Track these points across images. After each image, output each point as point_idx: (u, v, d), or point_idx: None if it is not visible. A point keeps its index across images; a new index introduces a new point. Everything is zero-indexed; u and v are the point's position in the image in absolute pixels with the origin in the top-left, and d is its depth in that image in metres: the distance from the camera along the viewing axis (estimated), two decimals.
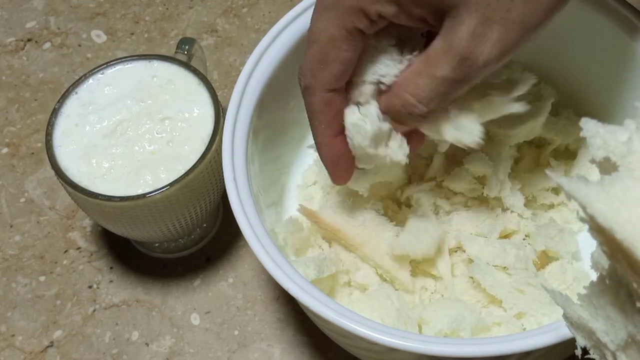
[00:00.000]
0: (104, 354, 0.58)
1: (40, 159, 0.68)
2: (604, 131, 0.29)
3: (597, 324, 0.31)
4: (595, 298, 0.31)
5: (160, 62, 0.57)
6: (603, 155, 0.29)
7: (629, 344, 0.30)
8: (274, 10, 0.76)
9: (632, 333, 0.30)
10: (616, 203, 0.26)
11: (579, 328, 0.33)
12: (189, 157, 0.53)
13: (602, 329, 0.31)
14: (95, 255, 0.63)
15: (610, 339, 0.31)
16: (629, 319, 0.30)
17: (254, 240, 0.45)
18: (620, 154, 0.28)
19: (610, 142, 0.29)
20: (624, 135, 0.29)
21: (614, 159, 0.29)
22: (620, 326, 0.30)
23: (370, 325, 0.42)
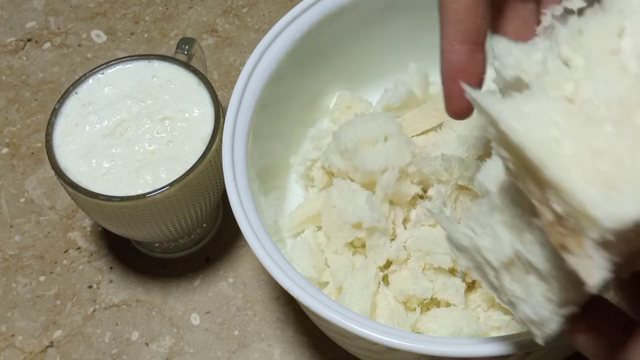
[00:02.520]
0: (104, 354, 0.58)
1: (40, 159, 0.68)
2: (517, 50, 0.29)
3: (483, 242, 0.31)
4: (482, 217, 0.31)
5: (160, 62, 0.57)
6: (514, 74, 0.29)
7: (513, 262, 0.31)
8: (274, 10, 0.76)
9: (518, 251, 0.30)
10: (530, 122, 0.26)
11: (463, 250, 0.33)
12: (189, 157, 0.53)
13: (487, 247, 0.31)
14: (95, 255, 0.63)
15: (495, 256, 0.31)
16: (517, 237, 0.30)
17: (254, 240, 0.45)
18: (534, 73, 0.28)
19: (523, 62, 0.29)
20: (538, 54, 0.28)
21: (526, 79, 0.28)
22: (506, 244, 0.30)
23: (370, 325, 0.42)
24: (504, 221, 0.31)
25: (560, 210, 0.25)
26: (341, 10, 0.56)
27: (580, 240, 0.25)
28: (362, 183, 0.52)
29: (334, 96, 0.62)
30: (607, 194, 0.24)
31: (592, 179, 0.24)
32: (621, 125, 0.26)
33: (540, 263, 0.29)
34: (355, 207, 0.51)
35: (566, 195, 0.25)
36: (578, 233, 0.25)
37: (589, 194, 0.24)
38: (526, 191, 0.28)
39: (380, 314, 0.51)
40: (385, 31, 0.59)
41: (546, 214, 0.26)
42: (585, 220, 0.24)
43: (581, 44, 0.28)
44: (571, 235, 0.25)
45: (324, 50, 0.58)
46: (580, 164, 0.25)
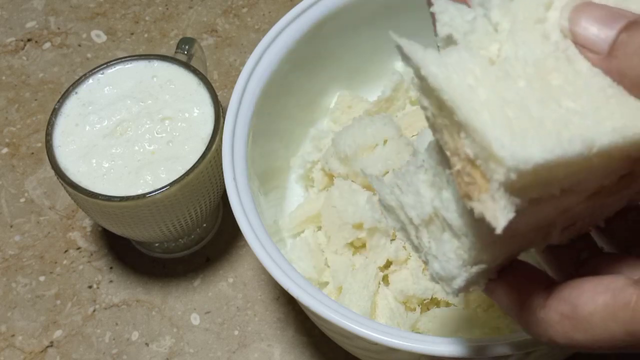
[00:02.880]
0: (104, 354, 0.58)
1: (40, 159, 0.68)
2: (453, 9, 0.30)
3: (407, 199, 0.33)
4: (409, 175, 0.33)
5: (160, 62, 0.57)
6: (447, 32, 0.30)
7: (432, 220, 0.32)
8: (274, 10, 0.76)
9: (437, 207, 0.31)
10: (449, 69, 0.27)
11: (391, 210, 0.35)
12: (189, 157, 0.53)
13: (410, 204, 0.33)
14: (95, 255, 0.63)
15: (417, 213, 0.32)
16: (436, 194, 0.32)
17: (254, 240, 0.45)
18: (463, 31, 0.30)
19: (456, 19, 0.30)
20: (470, 14, 0.30)
21: (455, 36, 0.30)
22: (427, 201, 0.32)
23: (370, 325, 0.42)
24: (426, 180, 0.32)
25: (471, 153, 0.27)
26: (341, 10, 0.56)
27: (486, 186, 0.27)
28: (363, 185, 0.53)
29: (334, 96, 0.62)
30: (512, 137, 0.26)
31: (500, 123, 0.26)
32: (534, 82, 0.28)
33: (454, 219, 0.30)
34: (356, 207, 0.51)
35: (476, 134, 0.26)
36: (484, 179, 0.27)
37: (496, 135, 0.26)
38: (442, 142, 0.29)
39: (380, 314, 0.51)
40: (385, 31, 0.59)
41: (456, 163, 0.28)
42: (492, 161, 0.26)
43: (509, 9, 0.30)
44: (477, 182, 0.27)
45: (324, 50, 0.58)
46: (491, 109, 0.26)
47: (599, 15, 0.28)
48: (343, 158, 0.53)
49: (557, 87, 0.28)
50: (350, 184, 0.52)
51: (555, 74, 0.28)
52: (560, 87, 0.28)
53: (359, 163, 0.52)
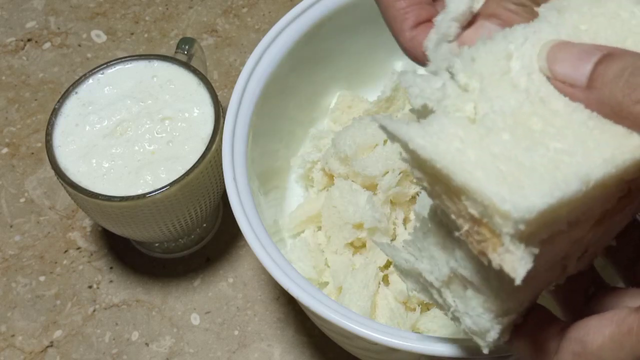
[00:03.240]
0: (104, 354, 0.58)
1: (40, 159, 0.68)
2: (420, 80, 0.31)
3: (423, 265, 0.34)
4: (419, 242, 0.34)
5: (160, 62, 0.57)
6: (421, 103, 0.31)
7: (452, 279, 0.33)
8: (274, 10, 0.76)
9: (453, 268, 0.32)
10: (434, 138, 0.29)
11: (408, 274, 0.36)
12: (189, 157, 0.53)
13: (427, 269, 0.34)
14: (95, 255, 0.63)
15: (435, 276, 0.34)
16: (450, 255, 0.32)
17: (254, 240, 0.45)
18: (436, 99, 0.31)
19: (426, 90, 0.31)
20: (438, 82, 0.31)
21: (430, 105, 0.31)
22: (442, 263, 0.33)
23: (370, 325, 0.42)
24: (436, 242, 0.33)
25: (475, 213, 0.28)
26: (341, 10, 0.56)
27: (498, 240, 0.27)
28: (363, 185, 0.53)
29: (334, 96, 0.62)
30: (511, 189, 0.27)
31: (495, 179, 0.27)
32: (517, 132, 0.29)
33: (472, 276, 0.31)
34: (356, 207, 0.51)
35: (476, 195, 0.27)
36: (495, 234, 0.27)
37: (494, 191, 0.27)
38: (444, 207, 0.30)
39: (380, 314, 0.51)
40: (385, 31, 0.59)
41: (463, 224, 0.29)
42: (497, 216, 0.27)
43: (474, 70, 0.30)
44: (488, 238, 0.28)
45: (324, 50, 0.58)
46: (483, 167, 0.27)
47: (576, 52, 0.30)
48: (343, 158, 0.53)
49: (539, 132, 0.28)
50: (351, 184, 0.52)
51: (534, 118, 0.29)
52: (543, 130, 0.29)
53: (360, 163, 0.52)
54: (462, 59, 0.31)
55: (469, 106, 0.30)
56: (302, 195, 0.59)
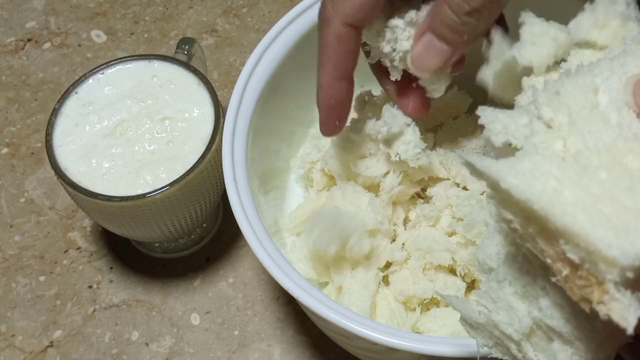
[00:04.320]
0: (104, 354, 0.58)
1: (40, 159, 0.68)
2: (504, 116, 0.30)
3: (499, 317, 0.32)
4: (493, 292, 0.32)
5: (160, 62, 0.57)
6: (503, 140, 0.30)
7: (534, 332, 0.31)
8: (274, 10, 0.76)
9: (537, 318, 0.30)
10: (528, 177, 0.27)
11: (479, 328, 0.33)
12: (189, 157, 0.53)
13: (504, 321, 0.32)
14: (95, 255, 0.63)
15: (514, 328, 0.31)
16: (532, 305, 0.31)
17: (254, 240, 0.45)
18: (522, 136, 0.29)
19: (510, 127, 0.30)
20: (523, 118, 0.30)
21: (515, 142, 0.30)
22: (523, 314, 0.31)
23: (370, 325, 0.42)
24: (515, 292, 0.31)
25: (576, 258, 0.26)
26: None
27: (602, 287, 0.26)
28: (364, 185, 0.52)
29: None
30: (616, 233, 0.25)
31: (598, 222, 0.25)
32: (614, 170, 0.27)
33: (561, 326, 0.30)
34: (358, 209, 0.51)
35: (578, 239, 0.25)
36: (598, 280, 0.26)
37: (599, 235, 0.25)
38: (537, 251, 0.28)
39: (380, 314, 0.51)
40: None
41: (561, 269, 0.27)
42: (602, 263, 0.25)
43: (561, 103, 0.29)
44: (591, 284, 0.26)
45: None
46: (585, 209, 0.26)
47: None
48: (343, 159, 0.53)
49: (637, 170, 0.27)
50: (353, 185, 0.52)
51: (630, 156, 0.27)
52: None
53: (361, 164, 0.52)
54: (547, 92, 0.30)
55: (558, 144, 0.29)
56: (302, 195, 0.59)
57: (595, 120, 0.29)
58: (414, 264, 0.51)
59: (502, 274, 0.32)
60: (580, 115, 0.29)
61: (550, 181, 0.27)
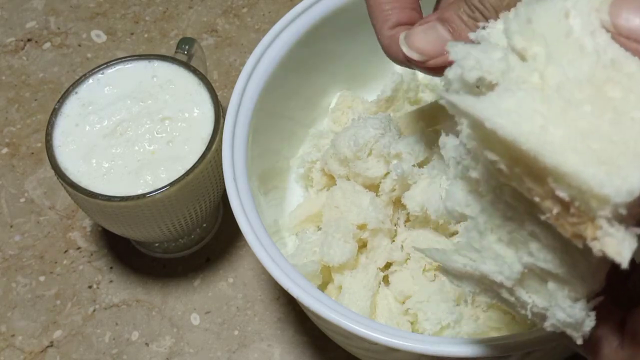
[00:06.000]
0: (104, 354, 0.58)
1: (40, 159, 0.68)
2: (476, 51, 0.29)
3: (487, 267, 0.31)
4: (475, 242, 0.31)
5: (160, 62, 0.57)
6: (477, 76, 0.29)
7: (525, 275, 0.30)
8: (274, 10, 0.76)
9: (528, 263, 0.30)
10: (513, 115, 0.26)
11: (464, 277, 0.33)
12: (189, 157, 0.53)
13: (493, 270, 0.31)
14: (95, 255, 0.63)
15: (505, 276, 0.30)
16: (521, 250, 0.30)
17: (254, 240, 0.45)
18: (498, 71, 0.28)
19: (484, 62, 0.29)
20: (497, 53, 0.29)
21: (489, 78, 0.28)
22: (512, 260, 0.30)
23: (370, 325, 0.42)
24: (499, 239, 0.31)
25: (566, 196, 0.25)
26: (341, 10, 0.56)
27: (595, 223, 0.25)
28: (364, 185, 0.53)
29: (334, 96, 0.62)
30: (607, 170, 0.24)
31: (588, 159, 0.25)
32: (597, 102, 0.26)
33: (556, 267, 0.29)
34: (360, 208, 0.51)
35: (570, 178, 0.25)
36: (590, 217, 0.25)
37: (591, 174, 0.24)
38: (523, 189, 0.28)
39: (380, 314, 0.51)
40: None
41: (551, 207, 0.26)
42: (594, 200, 0.25)
43: (534, 32, 0.28)
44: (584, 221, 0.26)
45: (324, 50, 0.58)
46: (573, 147, 0.25)
47: None
48: (342, 159, 0.53)
49: (620, 100, 0.26)
50: (354, 185, 0.52)
51: (610, 85, 0.27)
52: (623, 98, 0.26)
53: (360, 165, 0.52)
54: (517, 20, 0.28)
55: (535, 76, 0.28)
56: (302, 195, 0.59)
57: (572, 49, 0.28)
58: (414, 264, 0.51)
59: (482, 223, 0.31)
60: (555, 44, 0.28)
61: (537, 119, 0.26)
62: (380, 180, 0.52)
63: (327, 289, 0.53)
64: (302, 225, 0.56)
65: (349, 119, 0.58)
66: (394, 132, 0.53)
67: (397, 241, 0.52)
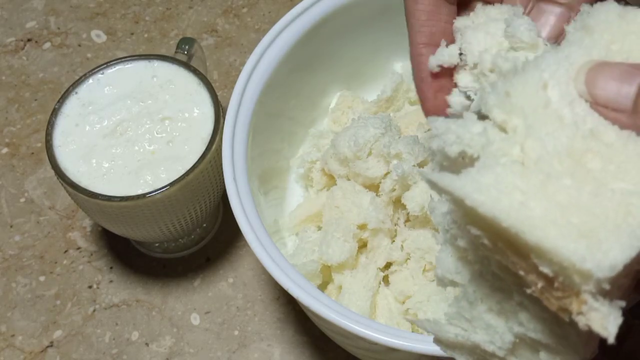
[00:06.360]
0: (104, 354, 0.58)
1: (40, 159, 0.68)
2: (456, 126, 0.29)
3: (478, 336, 0.31)
4: (465, 312, 0.31)
5: (160, 62, 0.57)
6: (458, 150, 0.29)
7: (517, 345, 0.30)
8: (274, 10, 0.76)
9: (519, 333, 0.29)
10: (493, 192, 0.26)
11: (457, 347, 0.32)
12: (189, 157, 0.53)
13: (485, 340, 0.31)
14: (95, 255, 0.63)
15: (497, 346, 0.30)
16: (511, 320, 0.30)
17: (254, 240, 0.45)
18: (478, 145, 0.28)
19: (464, 136, 0.29)
20: (477, 127, 0.29)
21: (470, 152, 0.28)
22: (503, 330, 0.30)
23: (370, 325, 0.42)
24: (489, 309, 0.30)
25: (550, 272, 0.25)
26: (341, 11, 0.56)
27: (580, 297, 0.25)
28: (364, 185, 0.53)
29: (334, 96, 0.62)
30: (588, 245, 0.24)
31: (568, 234, 0.25)
32: (576, 174, 0.26)
33: (546, 337, 0.29)
34: (360, 208, 0.51)
35: (551, 254, 0.25)
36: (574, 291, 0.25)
37: (571, 249, 0.24)
38: (508, 262, 0.27)
39: (380, 314, 0.51)
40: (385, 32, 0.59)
41: (536, 280, 0.26)
42: (576, 276, 0.24)
43: (513, 105, 0.28)
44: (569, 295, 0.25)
45: (324, 51, 0.58)
46: (553, 222, 0.25)
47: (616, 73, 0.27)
48: (342, 159, 0.53)
49: (599, 171, 0.26)
50: (354, 185, 0.52)
51: (589, 155, 0.27)
52: (603, 169, 0.26)
53: (361, 164, 0.52)
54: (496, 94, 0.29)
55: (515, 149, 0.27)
56: (302, 195, 0.59)
57: (550, 120, 0.28)
58: (414, 264, 0.51)
59: (472, 292, 0.31)
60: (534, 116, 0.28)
61: (516, 194, 0.26)
62: (380, 180, 0.52)
63: (327, 289, 0.53)
64: (302, 225, 0.56)
65: (349, 119, 0.58)
66: (394, 132, 0.53)
67: (397, 241, 0.52)
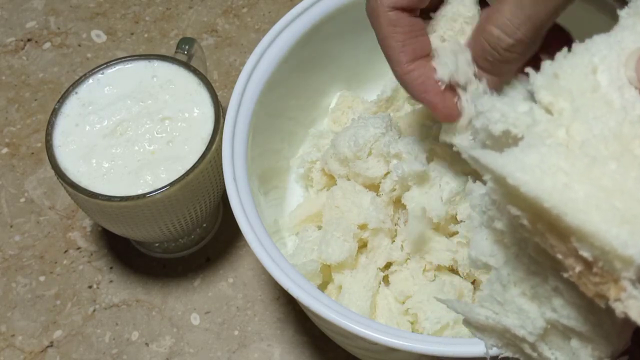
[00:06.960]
0: (104, 354, 0.58)
1: (40, 159, 0.68)
2: (501, 104, 0.29)
3: (509, 320, 0.31)
4: (498, 295, 0.31)
5: (160, 62, 0.57)
6: (502, 129, 0.29)
7: (548, 331, 0.30)
8: (274, 10, 0.76)
9: (551, 319, 0.29)
10: (537, 172, 0.26)
11: (486, 330, 0.32)
12: (189, 157, 0.53)
13: (515, 324, 0.30)
14: (95, 255, 0.63)
15: (528, 331, 0.30)
16: (544, 305, 0.29)
17: (254, 240, 0.45)
18: (523, 124, 0.28)
19: (509, 115, 0.29)
20: (523, 106, 0.28)
21: (515, 131, 0.28)
22: (536, 315, 0.30)
23: (370, 325, 0.42)
24: (522, 293, 0.30)
25: (589, 256, 0.25)
26: (341, 11, 0.56)
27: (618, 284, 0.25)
28: (364, 185, 0.53)
29: (334, 96, 0.62)
30: (632, 231, 0.24)
31: (612, 218, 0.24)
32: (623, 159, 0.26)
33: (579, 325, 0.28)
34: (360, 208, 0.51)
35: (592, 238, 0.24)
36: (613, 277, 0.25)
37: (614, 234, 0.24)
38: (546, 245, 0.27)
39: (380, 314, 0.51)
40: None
41: (574, 265, 0.26)
42: (617, 261, 0.24)
43: (561, 87, 0.28)
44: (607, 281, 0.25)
45: (323, 51, 0.58)
46: (597, 205, 0.25)
47: None
48: (342, 159, 0.53)
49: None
50: (354, 185, 0.52)
51: (637, 141, 0.26)
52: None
53: (361, 164, 0.52)
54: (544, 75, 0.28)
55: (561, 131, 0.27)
56: (302, 195, 0.59)
57: (599, 104, 0.27)
58: (414, 264, 0.51)
59: (506, 275, 0.31)
60: (582, 99, 0.28)
61: (560, 176, 0.26)
62: (381, 180, 0.52)
63: (327, 289, 0.53)
64: (302, 225, 0.56)
65: (349, 119, 0.58)
66: (394, 132, 0.53)
67: (397, 241, 0.52)
